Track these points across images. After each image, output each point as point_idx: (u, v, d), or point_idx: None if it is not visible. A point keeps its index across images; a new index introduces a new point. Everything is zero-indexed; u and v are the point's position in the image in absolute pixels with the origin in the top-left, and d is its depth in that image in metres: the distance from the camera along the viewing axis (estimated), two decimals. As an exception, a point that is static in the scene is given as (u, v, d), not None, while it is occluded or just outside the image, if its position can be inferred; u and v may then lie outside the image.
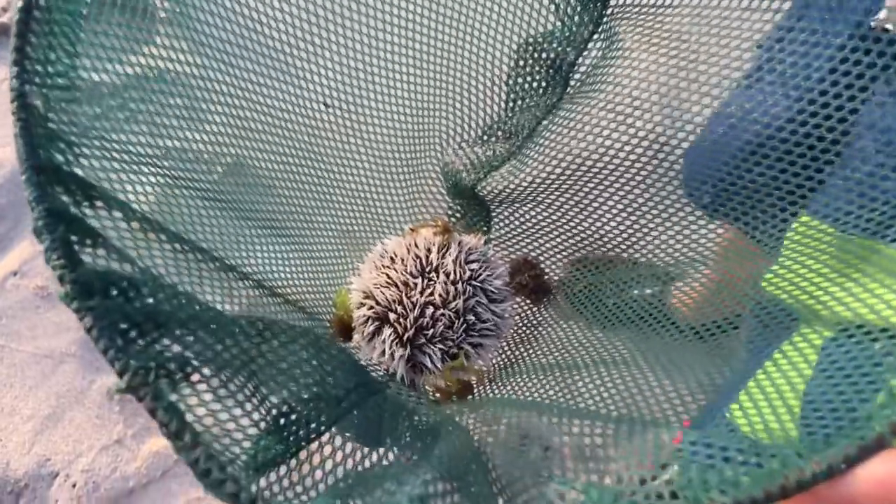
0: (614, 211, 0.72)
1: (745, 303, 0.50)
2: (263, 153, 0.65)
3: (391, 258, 0.76)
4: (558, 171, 0.72)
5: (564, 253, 0.81)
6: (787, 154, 0.47)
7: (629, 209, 0.71)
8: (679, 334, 0.56)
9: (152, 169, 0.44)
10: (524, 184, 0.76)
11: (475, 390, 0.75)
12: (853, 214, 0.42)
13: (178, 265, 0.39)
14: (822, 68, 0.44)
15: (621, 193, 0.73)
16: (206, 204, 0.48)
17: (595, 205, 0.74)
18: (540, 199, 0.78)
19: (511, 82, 0.81)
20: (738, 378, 0.44)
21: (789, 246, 0.46)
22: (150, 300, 0.33)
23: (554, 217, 0.80)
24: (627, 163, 0.67)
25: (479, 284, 0.75)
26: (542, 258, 0.83)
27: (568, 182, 0.73)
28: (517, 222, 0.84)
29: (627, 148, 0.66)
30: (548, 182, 0.74)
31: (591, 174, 0.71)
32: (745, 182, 0.49)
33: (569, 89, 0.78)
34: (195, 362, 0.32)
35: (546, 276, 0.80)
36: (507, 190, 0.78)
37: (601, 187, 0.72)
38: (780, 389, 0.40)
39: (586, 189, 0.73)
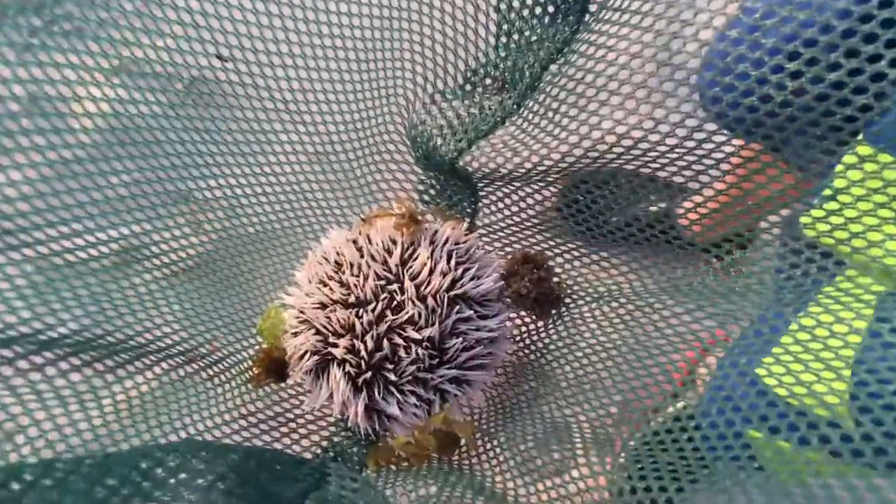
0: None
1: (768, 231, 0.46)
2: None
3: (336, 262, 0.53)
4: (578, 150, 0.49)
5: (576, 244, 0.60)
6: (829, 56, 0.36)
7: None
8: (688, 253, 0.51)
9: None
10: (528, 164, 0.53)
11: (462, 444, 0.54)
12: None
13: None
14: None
15: (658, 164, 0.51)
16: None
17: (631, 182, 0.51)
18: (550, 179, 0.55)
19: (503, 6, 0.57)
20: (765, 327, 0.41)
21: (839, 180, 0.39)
22: None
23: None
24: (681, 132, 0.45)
25: (461, 296, 0.53)
26: (549, 254, 0.61)
27: (592, 161, 0.51)
28: (516, 207, 0.61)
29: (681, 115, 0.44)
30: (562, 163, 0.51)
31: (629, 155, 0.49)
32: (776, 94, 0.39)
33: (587, 18, 0.54)
34: None
35: (555, 280, 0.59)
36: (504, 168, 0.55)
37: (640, 165, 0.49)
38: (828, 347, 0.38)
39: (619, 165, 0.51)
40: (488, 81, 0.61)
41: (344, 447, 0.55)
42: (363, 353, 0.49)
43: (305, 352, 0.52)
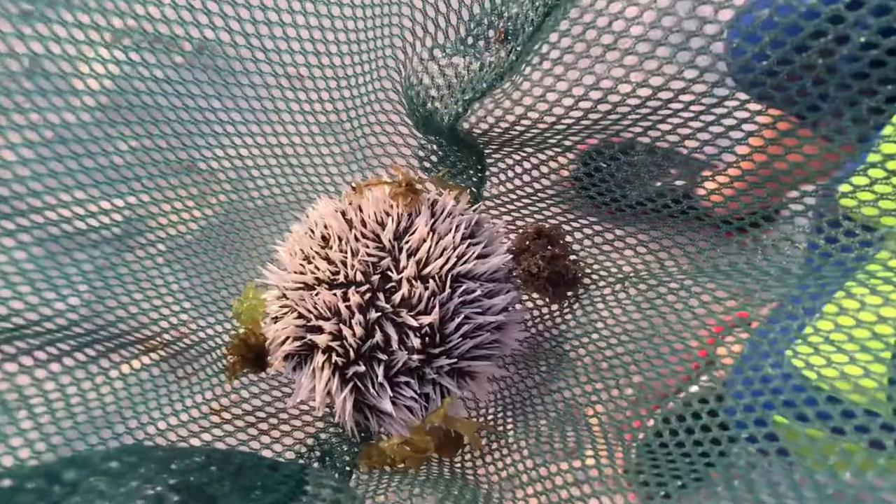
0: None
1: (792, 200, 0.42)
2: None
3: (322, 237, 0.46)
4: (599, 108, 0.42)
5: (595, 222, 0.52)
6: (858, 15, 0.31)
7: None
8: (706, 225, 0.47)
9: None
10: (541, 126, 0.45)
11: (465, 444, 0.48)
12: None
13: None
14: None
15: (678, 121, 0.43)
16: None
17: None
18: (568, 144, 0.47)
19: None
20: (795, 309, 0.39)
21: (885, 149, 0.35)
22: None
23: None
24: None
25: (464, 276, 0.46)
26: (566, 228, 0.53)
27: (609, 125, 0.43)
28: (528, 177, 0.54)
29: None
30: (576, 126, 0.44)
31: (647, 121, 0.42)
32: (797, 57, 0.34)
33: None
34: None
35: (572, 258, 0.52)
36: (514, 131, 0.48)
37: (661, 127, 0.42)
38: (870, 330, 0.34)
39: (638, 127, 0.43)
40: (490, 32, 0.53)
41: (332, 445, 0.48)
42: (351, 340, 0.43)
43: (287, 338, 0.46)
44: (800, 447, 0.34)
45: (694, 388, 0.53)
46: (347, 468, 0.47)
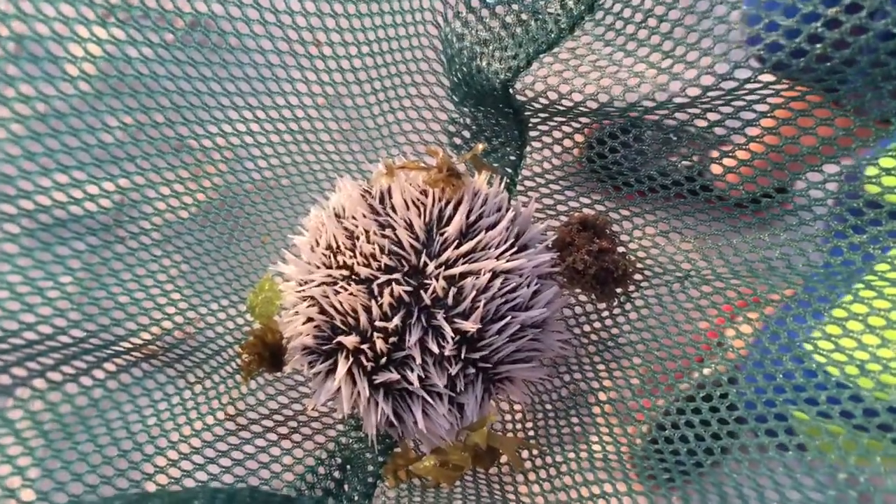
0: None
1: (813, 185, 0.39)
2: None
3: (346, 228, 0.41)
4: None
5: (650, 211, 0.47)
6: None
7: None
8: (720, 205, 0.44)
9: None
10: (621, 88, 0.39)
11: (500, 457, 0.44)
12: None
13: None
14: None
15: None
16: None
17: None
18: (636, 112, 0.41)
19: None
20: (810, 300, 0.37)
21: None
22: None
23: (647, 151, 0.45)
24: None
25: (506, 274, 0.41)
26: (613, 216, 0.48)
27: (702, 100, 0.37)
28: (579, 150, 0.48)
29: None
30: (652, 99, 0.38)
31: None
32: (828, 35, 0.30)
33: None
34: None
35: (621, 252, 0.46)
36: (567, 95, 0.41)
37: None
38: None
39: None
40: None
41: (354, 452, 0.44)
42: (381, 345, 0.38)
43: (307, 334, 0.41)
44: (821, 443, 0.32)
45: (707, 372, 0.50)
46: (371, 479, 0.43)
